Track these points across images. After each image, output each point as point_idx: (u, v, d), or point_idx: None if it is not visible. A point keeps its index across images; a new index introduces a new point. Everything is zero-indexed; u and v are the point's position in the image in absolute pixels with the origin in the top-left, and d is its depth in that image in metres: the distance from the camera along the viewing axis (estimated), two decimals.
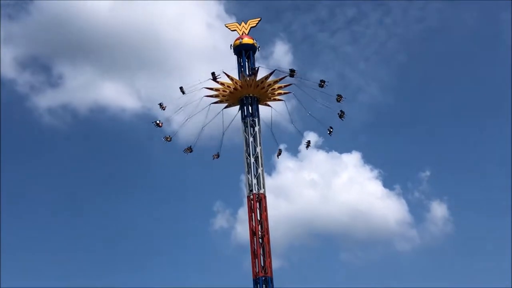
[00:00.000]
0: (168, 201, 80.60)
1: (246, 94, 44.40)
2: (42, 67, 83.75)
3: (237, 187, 72.85)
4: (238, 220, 71.98)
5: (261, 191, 42.52)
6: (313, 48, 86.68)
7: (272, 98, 45.11)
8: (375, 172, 78.69)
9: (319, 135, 76.86)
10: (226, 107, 45.50)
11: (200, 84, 44.26)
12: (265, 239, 41.52)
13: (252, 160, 43.16)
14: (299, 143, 77.05)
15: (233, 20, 45.80)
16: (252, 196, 42.37)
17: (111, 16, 79.94)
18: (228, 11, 79.29)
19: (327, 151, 79.24)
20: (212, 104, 45.10)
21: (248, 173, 43.01)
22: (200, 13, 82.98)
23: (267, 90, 44.65)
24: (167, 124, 45.73)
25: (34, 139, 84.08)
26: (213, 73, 44.21)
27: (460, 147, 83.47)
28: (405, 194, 78.75)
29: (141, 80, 79.07)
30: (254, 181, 42.71)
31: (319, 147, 78.62)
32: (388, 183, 79.22)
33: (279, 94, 45.20)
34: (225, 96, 45.01)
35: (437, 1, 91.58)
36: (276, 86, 44.82)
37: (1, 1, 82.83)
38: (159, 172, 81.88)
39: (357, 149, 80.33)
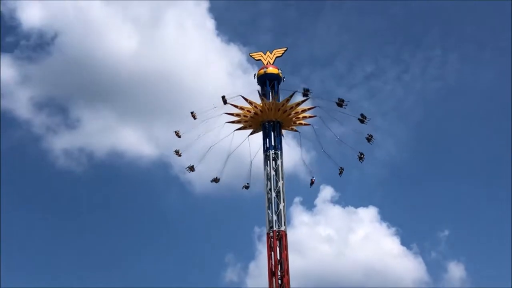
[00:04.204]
0: (179, 251, 77.85)
1: (268, 119, 42.40)
2: (59, 108, 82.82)
3: (249, 239, 70.95)
4: (249, 274, 69.93)
5: (282, 228, 39.86)
6: (331, 102, 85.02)
7: (298, 122, 43.05)
8: (392, 229, 76.03)
9: (336, 190, 75.70)
10: (252, 133, 43.37)
11: (214, 110, 42.61)
12: (285, 280, 38.58)
13: (274, 195, 40.68)
14: (315, 196, 75.35)
15: (254, 69, 44.14)
16: (272, 233, 39.66)
17: (133, 61, 79.38)
18: (250, 60, 78.32)
19: (343, 206, 77.51)
20: (236, 130, 43.31)
21: (269, 209, 40.45)
22: (221, 62, 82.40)
23: (289, 114, 42.63)
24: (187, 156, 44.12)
25: (48, 180, 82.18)
26: (223, 97, 42.52)
27: (478, 206, 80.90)
28: (422, 253, 75.76)
29: (160, 127, 77.62)
30: (275, 217, 40.10)
31: (335, 201, 76.96)
32: (405, 241, 76.36)
33: (304, 118, 43.21)
34: (247, 122, 43.08)
35: (456, 61, 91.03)
36: (300, 109, 42.79)
37: (21, 43, 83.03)
38: (172, 220, 79.75)
39: (374, 204, 78.05)
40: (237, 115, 43.30)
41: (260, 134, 43.20)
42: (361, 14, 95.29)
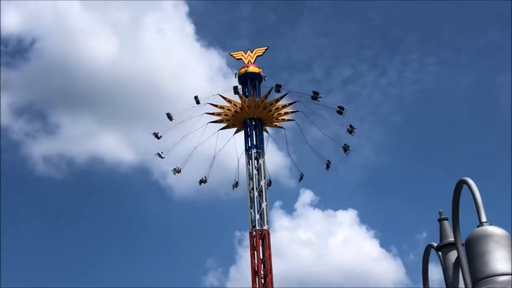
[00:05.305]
0: (160, 256, 77.36)
1: (250, 116, 42.24)
2: (38, 114, 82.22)
3: (230, 244, 70.78)
4: (230, 279, 69.84)
5: (265, 227, 39.67)
6: (309, 106, 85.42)
7: (280, 118, 42.98)
8: (372, 232, 76.41)
9: (315, 194, 75.96)
10: (236, 131, 43.15)
11: (194, 111, 42.51)
12: (268, 279, 38.32)
13: (256, 194, 40.53)
14: (295, 200, 75.60)
15: (234, 73, 43.94)
16: (254, 233, 39.46)
17: (112, 66, 78.79)
18: (230, 64, 78.37)
19: (323, 210, 77.52)
20: (219, 130, 43.15)
21: (251, 208, 40.28)
22: (201, 66, 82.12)
23: (270, 111, 42.50)
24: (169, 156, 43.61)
25: (27, 187, 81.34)
26: (196, 97, 42.45)
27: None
28: (401, 255, 76.31)
29: (140, 132, 77.01)
30: (258, 216, 39.92)
31: (315, 205, 77.31)
32: (384, 244, 76.95)
33: (286, 113, 43.10)
34: (229, 120, 42.86)
35: (433, 64, 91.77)
36: (280, 105, 42.71)
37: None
38: (153, 225, 79.03)
39: (353, 207, 78.44)
40: (218, 114, 43.02)
41: (241, 134, 43.07)
42: (339, 19, 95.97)
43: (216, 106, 42.85)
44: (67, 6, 78.58)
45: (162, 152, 43.71)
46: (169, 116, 43.20)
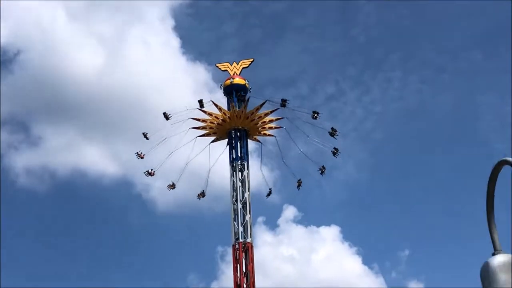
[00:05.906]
0: (141, 271, 76.37)
1: (235, 127, 41.68)
2: (21, 126, 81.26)
3: (212, 259, 70.20)
4: None
5: (248, 240, 39.15)
6: (293, 122, 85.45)
7: (262, 132, 42.54)
8: (354, 249, 76.28)
9: (299, 210, 75.74)
10: (213, 141, 42.51)
11: (186, 112, 41.59)
12: None
13: (240, 206, 40.06)
14: (278, 216, 75.33)
15: (220, 88, 43.47)
16: (238, 245, 38.94)
17: (97, 78, 78.23)
18: (215, 78, 78.27)
19: (306, 226, 77.24)
20: (198, 137, 42.31)
21: (235, 220, 39.78)
22: (187, 80, 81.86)
23: (257, 123, 42.15)
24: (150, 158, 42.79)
25: (9, 198, 80.00)
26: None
27: (437, 226, 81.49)
28: (383, 272, 76.26)
29: (123, 145, 76.40)
30: (241, 229, 39.44)
31: (298, 221, 77.05)
32: (367, 261, 76.78)
33: (270, 128, 42.78)
34: (212, 129, 42.24)
35: (415, 83, 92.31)
36: (267, 119, 42.35)
37: None
38: (134, 239, 78.27)
39: (336, 223, 78.40)
40: (204, 121, 42.37)
41: (223, 143, 42.59)
42: (323, 37, 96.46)
43: (205, 112, 42.22)
44: (52, 17, 78.37)
45: (152, 170, 42.74)
46: (145, 136, 42.25)
